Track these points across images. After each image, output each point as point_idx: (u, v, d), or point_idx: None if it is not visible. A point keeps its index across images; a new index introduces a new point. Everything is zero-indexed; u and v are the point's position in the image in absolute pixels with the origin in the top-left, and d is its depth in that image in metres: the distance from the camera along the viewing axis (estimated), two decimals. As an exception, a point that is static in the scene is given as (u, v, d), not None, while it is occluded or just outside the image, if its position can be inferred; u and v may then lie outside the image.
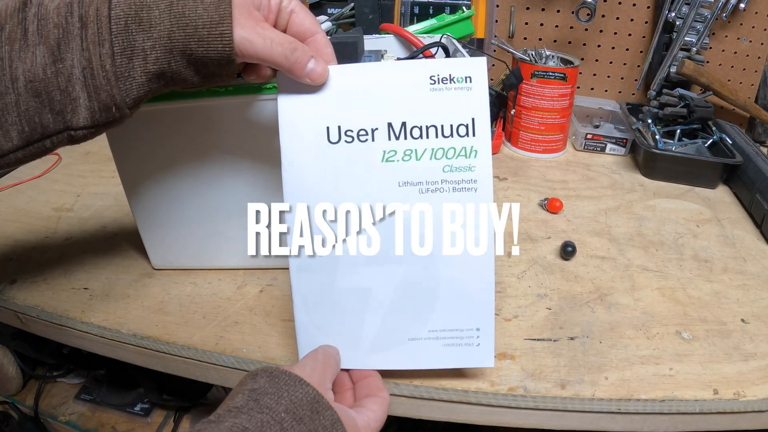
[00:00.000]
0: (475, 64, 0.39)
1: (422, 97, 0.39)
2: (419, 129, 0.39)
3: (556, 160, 0.87)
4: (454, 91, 0.39)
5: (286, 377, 0.34)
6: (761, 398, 0.44)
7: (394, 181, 0.39)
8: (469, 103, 0.39)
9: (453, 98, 0.39)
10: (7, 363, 0.82)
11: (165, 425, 0.80)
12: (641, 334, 0.50)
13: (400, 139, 0.39)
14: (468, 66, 0.39)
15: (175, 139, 0.50)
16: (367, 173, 0.40)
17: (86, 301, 0.54)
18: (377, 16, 0.80)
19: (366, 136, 0.39)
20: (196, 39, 0.35)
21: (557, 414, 0.45)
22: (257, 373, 0.35)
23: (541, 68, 0.81)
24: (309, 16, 0.40)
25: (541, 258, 0.61)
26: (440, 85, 0.39)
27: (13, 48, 0.33)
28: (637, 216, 0.70)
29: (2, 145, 0.35)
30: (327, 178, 0.40)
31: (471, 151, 0.39)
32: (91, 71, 0.34)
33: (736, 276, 0.59)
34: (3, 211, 0.70)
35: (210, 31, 0.34)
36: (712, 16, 0.84)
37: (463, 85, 0.39)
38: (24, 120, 0.34)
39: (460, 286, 0.41)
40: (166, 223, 0.55)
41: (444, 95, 0.39)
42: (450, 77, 0.39)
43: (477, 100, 0.39)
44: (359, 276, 0.41)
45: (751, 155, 0.76)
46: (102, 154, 0.85)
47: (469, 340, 0.42)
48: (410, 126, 0.39)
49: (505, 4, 0.93)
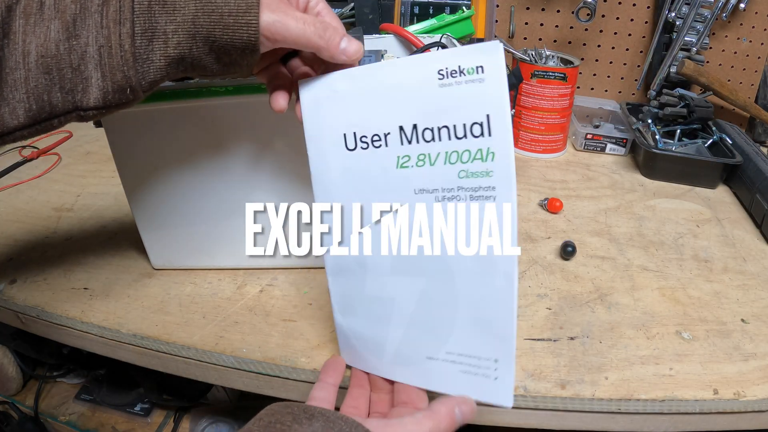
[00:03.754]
0: (489, 51, 0.33)
1: (432, 95, 0.35)
2: (431, 131, 0.36)
3: (556, 160, 0.87)
4: (465, 85, 0.34)
5: (342, 423, 0.32)
6: (761, 398, 0.44)
7: (410, 188, 0.37)
8: (483, 97, 0.34)
9: (464, 93, 0.34)
10: (7, 363, 0.82)
11: (165, 425, 0.80)
12: (641, 334, 0.50)
13: (412, 143, 0.36)
14: (479, 54, 0.34)
15: (175, 139, 0.50)
16: (384, 181, 0.37)
17: (86, 301, 0.54)
18: (377, 16, 0.80)
19: (380, 142, 0.37)
20: (222, 26, 0.34)
21: (557, 414, 0.45)
22: (313, 415, 0.32)
23: (541, 68, 0.81)
24: (335, 20, 0.39)
25: (541, 258, 0.61)
26: (449, 80, 0.34)
27: (28, 22, 0.33)
28: (637, 216, 0.70)
29: (8, 122, 0.34)
30: (349, 187, 0.39)
31: (487, 154, 0.34)
32: (108, 50, 0.33)
33: (736, 276, 0.59)
34: (3, 211, 0.70)
35: (236, 19, 0.33)
36: (712, 16, 0.84)
37: (475, 77, 0.34)
38: (32, 98, 0.34)
39: (477, 309, 0.37)
40: (166, 223, 0.55)
41: (454, 91, 0.34)
42: (459, 69, 0.34)
43: (492, 93, 0.33)
44: (384, 285, 0.40)
45: (751, 155, 0.76)
46: (102, 154, 0.85)
47: (487, 371, 0.37)
48: (422, 128, 0.36)
49: (505, 4, 0.93)
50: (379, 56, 0.58)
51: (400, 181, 0.37)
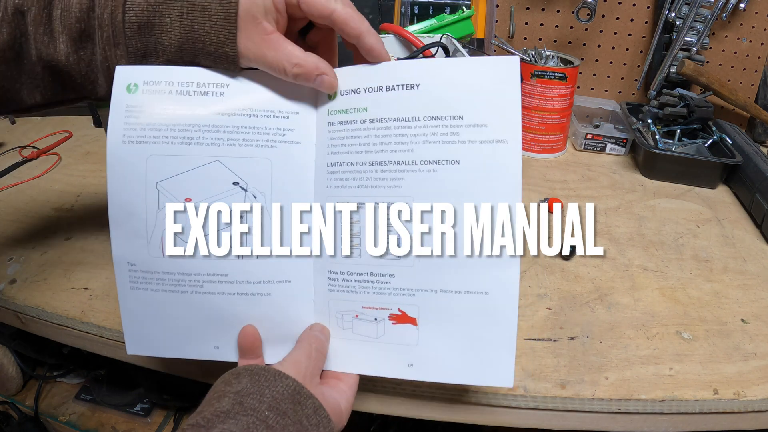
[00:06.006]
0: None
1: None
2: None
3: (556, 160, 0.87)
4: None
5: (266, 374, 0.35)
6: (761, 398, 0.44)
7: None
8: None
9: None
10: (7, 363, 0.82)
11: (165, 425, 0.80)
12: (641, 334, 0.50)
13: None
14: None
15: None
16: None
17: (86, 301, 0.54)
18: (377, 16, 0.80)
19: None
20: (204, 54, 0.37)
21: (557, 414, 0.45)
22: (240, 373, 0.35)
23: (541, 68, 0.81)
24: (330, 53, 0.42)
25: (541, 258, 0.61)
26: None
27: (38, 31, 0.36)
28: (637, 216, 0.70)
29: (26, 101, 0.39)
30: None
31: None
32: (107, 65, 0.37)
33: (736, 276, 0.59)
34: (3, 211, 0.70)
35: (217, 49, 0.36)
36: (712, 16, 0.84)
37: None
38: (48, 88, 0.39)
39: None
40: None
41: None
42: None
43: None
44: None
45: (751, 155, 0.76)
46: (102, 154, 0.85)
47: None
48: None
49: (505, 4, 0.93)
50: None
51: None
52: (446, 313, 0.38)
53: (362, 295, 0.39)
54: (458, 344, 0.38)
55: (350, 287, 0.39)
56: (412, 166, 0.37)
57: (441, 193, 0.37)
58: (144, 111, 0.38)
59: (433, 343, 0.39)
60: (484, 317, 0.38)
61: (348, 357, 0.40)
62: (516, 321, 0.37)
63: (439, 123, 0.37)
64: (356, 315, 0.40)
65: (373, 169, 0.38)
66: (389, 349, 0.39)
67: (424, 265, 0.38)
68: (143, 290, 0.40)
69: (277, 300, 0.40)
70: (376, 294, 0.39)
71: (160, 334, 0.41)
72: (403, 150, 0.37)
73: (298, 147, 0.39)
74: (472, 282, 0.38)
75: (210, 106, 0.38)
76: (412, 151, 0.37)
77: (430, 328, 0.39)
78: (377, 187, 0.38)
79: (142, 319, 0.41)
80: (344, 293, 0.39)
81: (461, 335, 0.38)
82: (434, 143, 0.37)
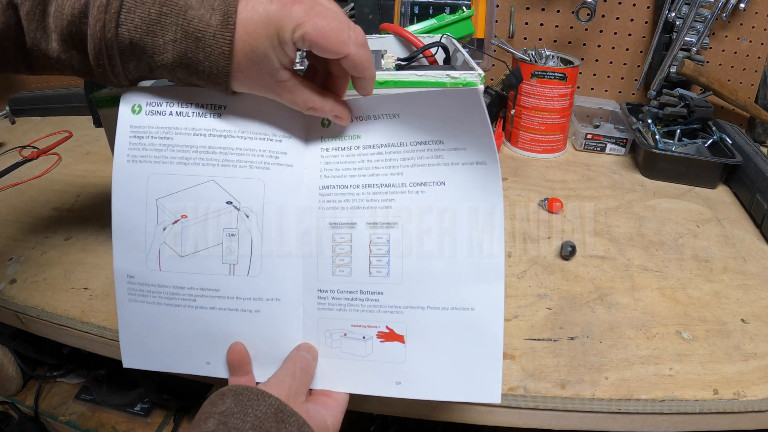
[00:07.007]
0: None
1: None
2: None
3: (556, 160, 0.87)
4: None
5: (249, 393, 0.35)
6: (761, 398, 0.44)
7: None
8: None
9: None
10: (7, 363, 0.82)
11: (165, 425, 0.80)
12: (641, 334, 0.50)
13: None
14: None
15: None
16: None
17: (86, 301, 0.54)
18: (377, 16, 0.80)
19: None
20: (197, 77, 0.36)
21: (557, 414, 0.45)
22: (224, 393, 0.36)
23: (541, 68, 0.81)
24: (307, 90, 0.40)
25: (541, 258, 0.61)
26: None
27: (30, 26, 0.36)
28: (637, 216, 0.70)
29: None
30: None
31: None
32: (100, 71, 0.37)
33: (736, 276, 0.59)
34: (3, 211, 0.70)
35: (209, 78, 0.36)
36: (712, 16, 0.84)
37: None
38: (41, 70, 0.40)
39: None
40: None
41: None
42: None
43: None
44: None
45: (751, 155, 0.76)
46: (102, 154, 0.85)
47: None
48: None
49: (505, 4, 0.93)
50: (379, 56, 0.58)
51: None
52: (433, 330, 0.39)
53: (351, 313, 0.40)
54: (445, 361, 0.39)
55: (340, 305, 0.40)
56: (402, 187, 0.39)
57: (428, 212, 0.39)
58: (146, 131, 0.39)
59: (421, 361, 0.39)
60: (470, 333, 0.39)
61: (336, 375, 0.41)
62: (502, 336, 0.38)
63: (424, 147, 0.39)
64: (345, 333, 0.40)
65: (366, 191, 0.39)
66: (377, 368, 0.40)
67: (411, 282, 0.39)
68: (140, 302, 0.41)
69: (266, 318, 0.40)
70: (365, 312, 0.40)
71: (155, 348, 0.42)
72: (393, 173, 0.39)
73: (290, 170, 0.40)
74: (458, 298, 0.39)
75: (207, 127, 0.39)
76: (402, 174, 0.39)
77: (418, 346, 0.39)
78: (369, 208, 0.39)
79: (138, 332, 0.41)
80: (334, 311, 0.40)
81: (448, 352, 0.39)
82: (421, 166, 0.39)
